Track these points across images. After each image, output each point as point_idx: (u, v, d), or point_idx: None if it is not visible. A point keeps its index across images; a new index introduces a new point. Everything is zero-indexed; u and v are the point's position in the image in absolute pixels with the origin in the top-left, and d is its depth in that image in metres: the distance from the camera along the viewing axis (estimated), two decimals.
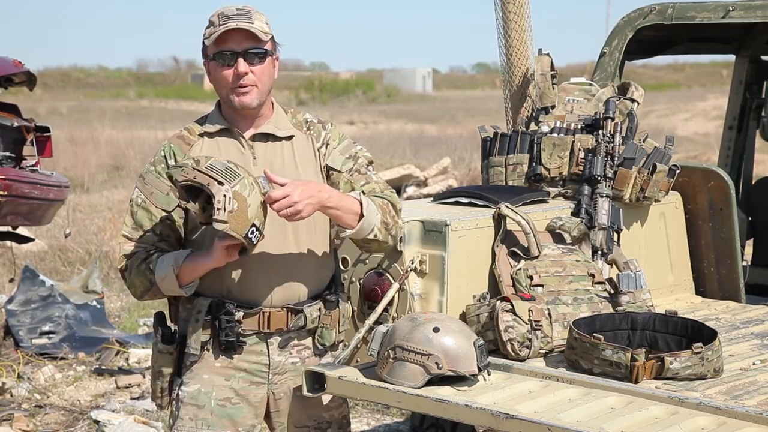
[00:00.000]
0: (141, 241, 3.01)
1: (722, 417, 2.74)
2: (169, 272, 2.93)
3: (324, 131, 3.12)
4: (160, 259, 2.96)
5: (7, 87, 6.72)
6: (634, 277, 3.62)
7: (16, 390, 6.22)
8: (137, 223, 3.02)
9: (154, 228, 3.01)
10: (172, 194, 3.00)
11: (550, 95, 4.24)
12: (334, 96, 42.19)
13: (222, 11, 2.95)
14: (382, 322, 3.26)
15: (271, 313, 3.03)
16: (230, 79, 2.95)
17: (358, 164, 3.10)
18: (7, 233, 6.89)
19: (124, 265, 3.03)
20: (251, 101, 2.98)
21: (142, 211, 3.02)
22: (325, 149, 3.10)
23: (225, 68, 2.95)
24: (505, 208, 3.54)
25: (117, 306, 8.60)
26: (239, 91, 2.96)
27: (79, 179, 15.34)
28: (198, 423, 3.06)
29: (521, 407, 2.80)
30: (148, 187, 3.04)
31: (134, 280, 3.01)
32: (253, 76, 2.95)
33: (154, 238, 3.01)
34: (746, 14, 4.37)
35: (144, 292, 3.02)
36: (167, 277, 2.94)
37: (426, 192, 13.15)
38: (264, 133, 3.05)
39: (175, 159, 3.02)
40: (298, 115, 3.15)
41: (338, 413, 3.22)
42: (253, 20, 2.94)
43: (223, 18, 2.93)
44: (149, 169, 3.06)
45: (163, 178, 3.02)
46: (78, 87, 43.74)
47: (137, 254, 3.00)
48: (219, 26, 2.93)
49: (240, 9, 2.95)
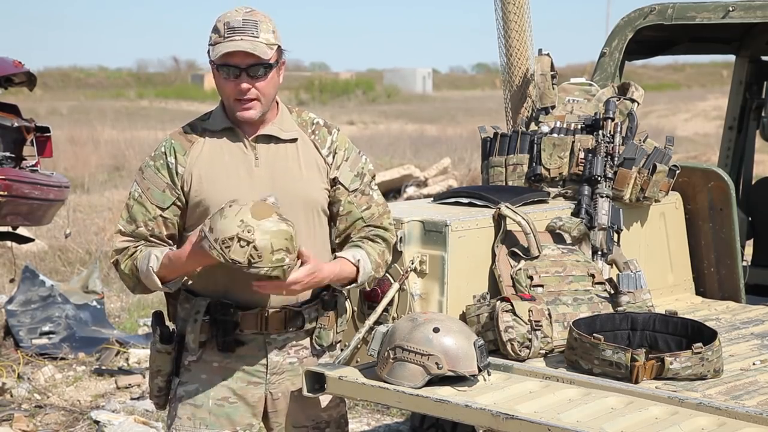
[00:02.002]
0: (132, 236, 3.01)
1: (722, 417, 2.74)
2: (149, 271, 2.93)
3: (330, 137, 3.10)
4: (141, 256, 2.97)
5: (7, 87, 6.72)
6: (634, 277, 3.62)
7: (16, 390, 6.22)
8: (132, 217, 3.02)
9: (146, 224, 3.00)
10: (168, 191, 3.00)
11: (550, 95, 4.24)
12: (334, 96, 42.17)
13: (228, 20, 2.91)
14: (382, 322, 3.26)
15: (270, 314, 3.02)
16: (233, 91, 2.95)
17: (364, 183, 3.12)
18: (7, 233, 6.89)
19: (115, 260, 3.04)
20: (253, 115, 2.97)
21: (137, 205, 3.02)
22: (332, 158, 3.09)
23: (228, 80, 2.94)
24: (505, 208, 3.54)
25: (117, 306, 8.60)
26: (241, 105, 2.96)
27: (79, 179, 15.34)
28: (196, 422, 3.06)
29: (521, 407, 2.80)
30: (146, 182, 3.03)
31: (124, 275, 3.03)
32: (255, 91, 2.94)
33: (145, 233, 3.01)
34: (746, 14, 4.37)
35: (134, 287, 3.04)
36: (148, 275, 2.94)
37: (426, 192, 13.15)
38: (267, 134, 3.05)
39: (175, 155, 3.01)
40: (303, 113, 3.14)
41: (336, 413, 3.22)
42: (258, 33, 2.90)
43: (229, 30, 2.90)
44: (148, 164, 3.05)
45: (161, 175, 3.01)
46: (78, 87, 43.73)
47: (126, 249, 3.01)
48: (224, 39, 2.90)
49: (246, 20, 2.90)
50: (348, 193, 3.09)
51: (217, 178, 2.99)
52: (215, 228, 2.77)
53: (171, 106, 36.26)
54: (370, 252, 3.06)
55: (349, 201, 3.08)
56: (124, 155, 18.12)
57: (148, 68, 56.01)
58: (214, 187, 2.99)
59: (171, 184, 3.00)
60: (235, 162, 3.01)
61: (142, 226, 3.00)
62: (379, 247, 3.10)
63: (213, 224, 2.78)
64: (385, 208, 3.15)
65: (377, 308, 3.35)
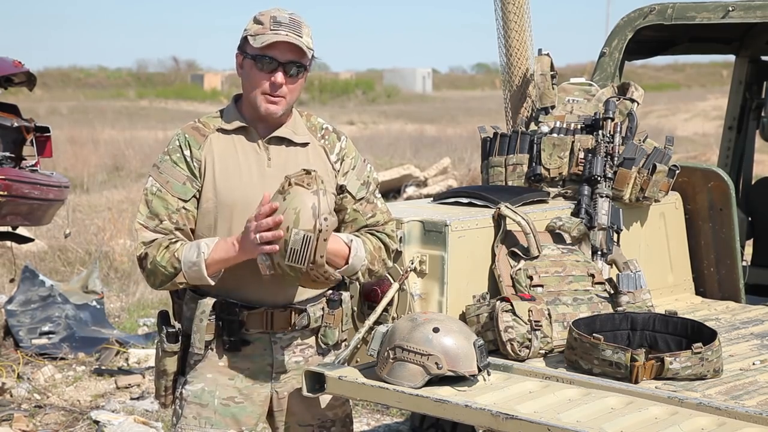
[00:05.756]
0: (158, 230, 2.97)
1: (722, 417, 2.74)
2: (199, 260, 2.89)
3: (339, 143, 3.12)
4: (186, 247, 2.93)
5: (7, 87, 6.72)
6: (633, 277, 3.62)
7: (16, 390, 6.21)
8: (153, 212, 2.98)
9: (170, 217, 2.97)
10: (188, 183, 2.99)
11: (550, 95, 4.24)
12: (334, 96, 42.19)
13: (275, 15, 2.94)
14: (382, 322, 3.26)
15: (275, 313, 3.03)
16: (265, 84, 2.95)
17: (369, 191, 3.13)
18: (7, 233, 6.89)
19: (143, 253, 2.96)
20: (277, 111, 2.98)
21: (157, 199, 2.99)
22: (340, 165, 3.10)
23: (262, 73, 2.95)
24: (505, 208, 3.54)
25: (117, 306, 8.60)
26: (270, 99, 2.97)
27: (79, 179, 15.34)
28: (201, 422, 3.06)
29: (521, 407, 2.80)
30: (164, 175, 3.01)
31: (156, 267, 2.93)
32: (285, 89, 2.96)
33: (170, 227, 2.97)
34: (746, 14, 4.37)
35: (165, 281, 2.95)
36: (196, 264, 2.89)
37: (426, 192, 13.16)
38: (280, 136, 3.05)
39: (190, 149, 3.00)
40: (312, 118, 3.15)
41: (342, 412, 3.23)
42: (302, 34, 2.94)
43: (275, 24, 2.93)
44: (164, 158, 3.03)
45: (180, 168, 3.00)
46: (78, 87, 43.71)
47: (158, 241, 2.95)
48: (269, 31, 2.92)
49: (292, 19, 2.95)
50: (354, 202, 3.10)
51: (230, 176, 3.00)
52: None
53: (171, 106, 36.28)
54: (365, 241, 3.06)
55: (354, 209, 3.10)
56: (123, 155, 18.12)
57: (148, 68, 56.00)
58: (226, 185, 2.99)
59: (191, 176, 2.99)
60: (248, 161, 3.02)
61: (166, 219, 2.97)
62: (377, 242, 3.09)
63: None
64: (389, 215, 3.16)
65: (377, 308, 3.35)
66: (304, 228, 2.75)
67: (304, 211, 2.76)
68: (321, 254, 2.78)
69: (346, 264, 2.98)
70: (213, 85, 45.46)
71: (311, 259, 2.77)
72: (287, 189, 2.79)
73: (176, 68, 54.92)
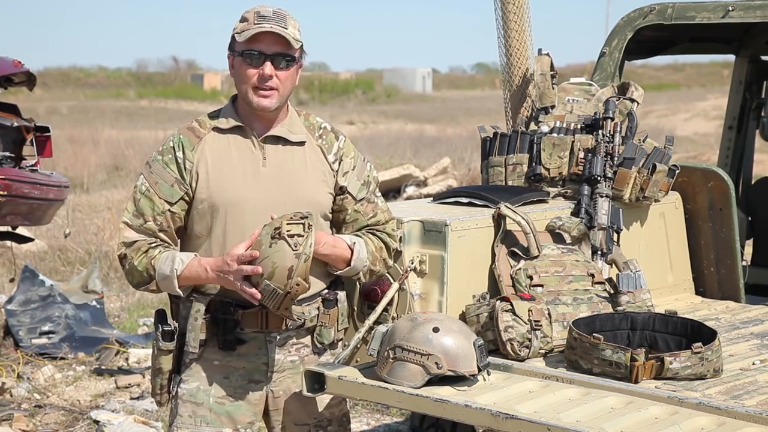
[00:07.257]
0: (141, 230, 3.01)
1: (722, 417, 2.74)
2: (171, 275, 2.95)
3: (336, 142, 3.12)
4: (163, 257, 2.97)
5: (7, 87, 6.72)
6: (633, 277, 3.62)
7: (16, 390, 6.21)
8: (139, 211, 3.02)
9: (155, 218, 3.01)
10: (176, 186, 3.01)
11: (549, 95, 4.24)
12: (334, 96, 42.18)
13: (258, 10, 2.97)
14: (382, 322, 3.26)
15: (270, 312, 3.03)
16: (254, 78, 2.97)
17: (370, 191, 3.15)
18: (7, 233, 6.89)
19: (122, 253, 3.03)
20: (270, 104, 2.99)
21: (144, 199, 3.02)
22: (338, 165, 3.10)
23: (251, 67, 2.97)
24: (504, 208, 3.54)
25: (117, 306, 8.60)
26: (260, 92, 2.97)
27: (79, 179, 15.34)
28: (197, 420, 3.07)
29: (521, 407, 2.80)
30: (154, 176, 3.03)
31: (134, 270, 3.00)
32: (276, 80, 2.97)
33: (154, 228, 3.01)
34: (746, 14, 4.37)
35: (141, 284, 3.03)
36: (168, 278, 2.96)
37: (426, 192, 13.15)
38: (276, 135, 3.05)
39: (183, 151, 3.01)
40: (310, 117, 3.16)
41: (338, 411, 3.23)
42: (287, 26, 2.96)
43: (259, 18, 2.95)
44: (156, 158, 3.05)
45: (170, 169, 3.02)
46: (78, 87, 43.69)
47: (138, 244, 3.00)
48: (253, 25, 2.94)
49: (276, 12, 2.97)
50: (355, 202, 3.11)
51: (224, 176, 3.00)
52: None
53: (171, 106, 36.27)
54: (367, 241, 3.09)
55: (355, 209, 3.11)
56: (123, 155, 18.12)
57: (147, 68, 55.97)
58: (220, 185, 3.00)
59: (180, 179, 3.00)
60: (243, 160, 3.02)
61: (150, 221, 3.01)
62: (378, 242, 3.11)
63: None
64: (389, 215, 3.17)
65: (377, 308, 3.35)
66: (275, 283, 2.84)
67: (281, 269, 2.83)
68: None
69: (347, 266, 3.00)
70: (213, 85, 45.46)
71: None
72: (275, 239, 2.84)
73: (176, 68, 54.93)
